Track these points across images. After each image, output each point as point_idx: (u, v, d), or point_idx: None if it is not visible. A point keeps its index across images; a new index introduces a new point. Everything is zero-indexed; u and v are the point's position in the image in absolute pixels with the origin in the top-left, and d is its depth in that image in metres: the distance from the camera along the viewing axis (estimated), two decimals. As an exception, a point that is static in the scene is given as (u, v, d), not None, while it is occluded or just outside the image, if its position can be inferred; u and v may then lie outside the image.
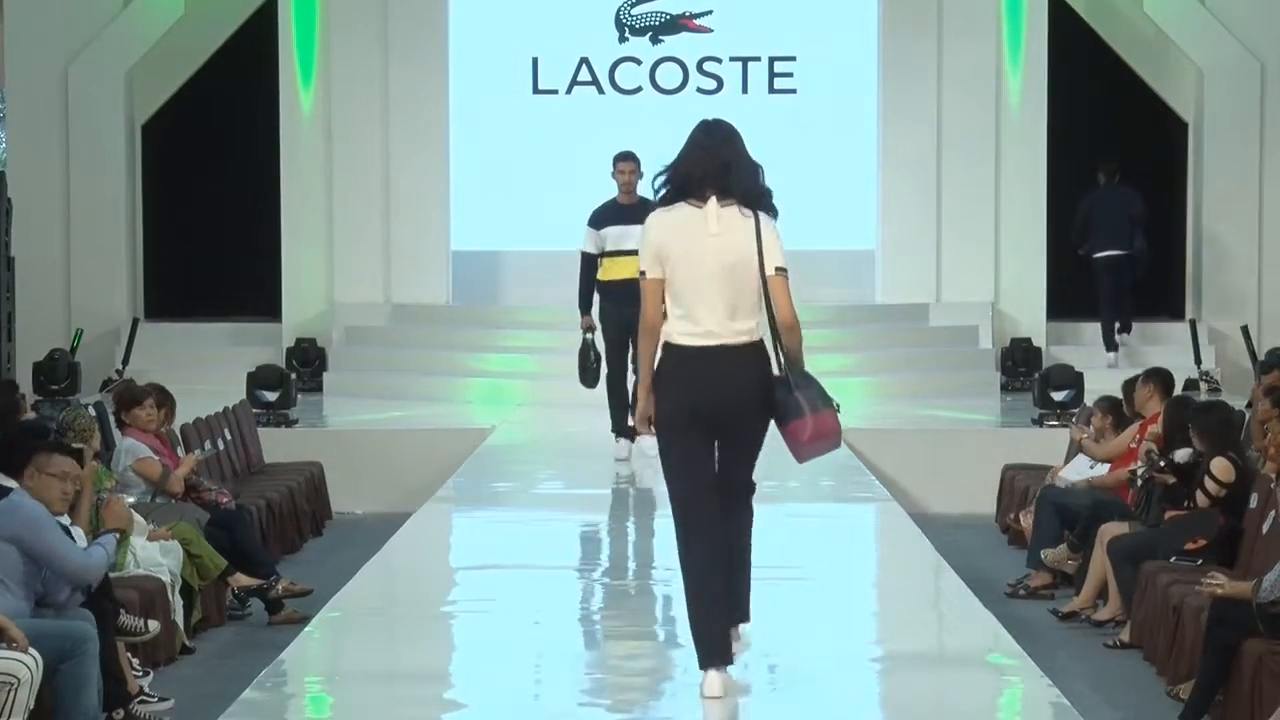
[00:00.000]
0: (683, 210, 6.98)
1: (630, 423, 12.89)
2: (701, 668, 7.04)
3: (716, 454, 7.05)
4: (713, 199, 6.94)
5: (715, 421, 6.97)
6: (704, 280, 6.91)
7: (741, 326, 6.93)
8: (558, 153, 19.50)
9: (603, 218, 13.41)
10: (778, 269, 6.93)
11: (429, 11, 19.74)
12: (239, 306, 20.60)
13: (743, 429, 7.02)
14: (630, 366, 12.86)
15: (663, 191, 7.07)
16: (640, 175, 13.24)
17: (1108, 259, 19.03)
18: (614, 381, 13.55)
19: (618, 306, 13.02)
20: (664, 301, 6.99)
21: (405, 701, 7.49)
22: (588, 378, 13.64)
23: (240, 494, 12.57)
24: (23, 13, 20.03)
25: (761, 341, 7.02)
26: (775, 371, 7.01)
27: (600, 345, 13.52)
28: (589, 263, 13.51)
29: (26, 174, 19.62)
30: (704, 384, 6.91)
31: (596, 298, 13.51)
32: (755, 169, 7.06)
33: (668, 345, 6.98)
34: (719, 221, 6.93)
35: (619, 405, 13.55)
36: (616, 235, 13.21)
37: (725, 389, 6.93)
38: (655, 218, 7.05)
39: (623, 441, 13.67)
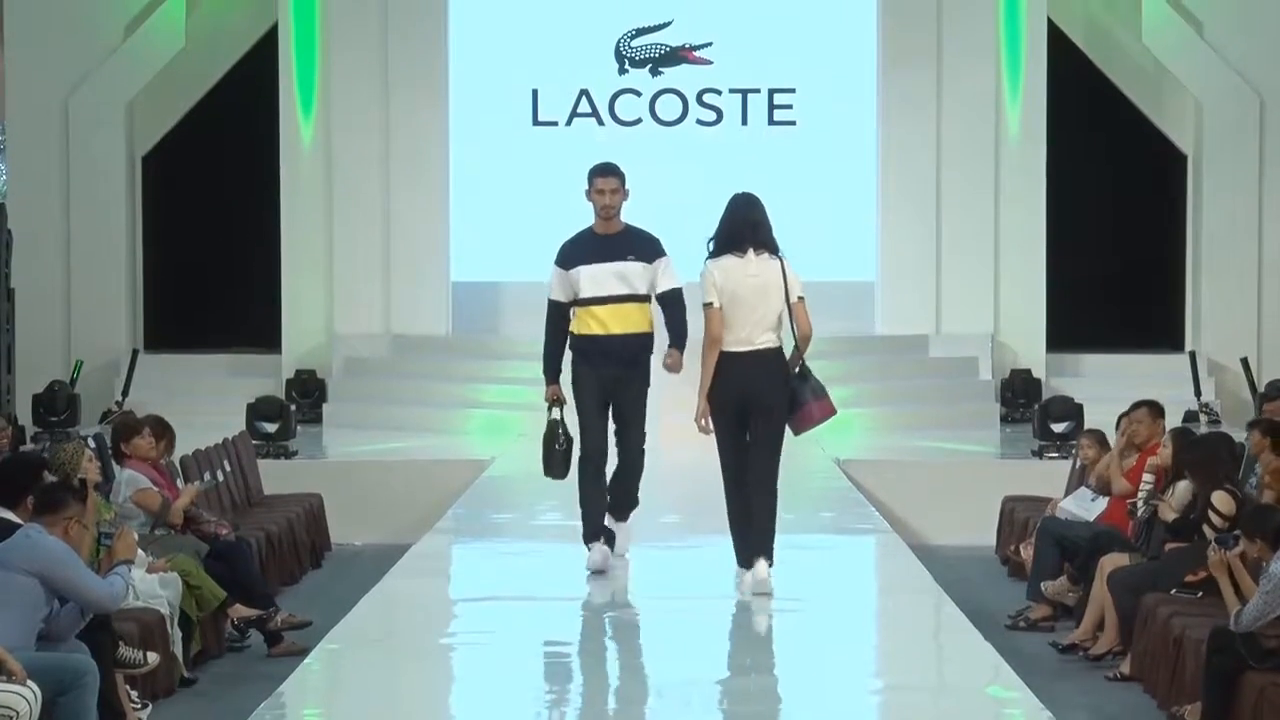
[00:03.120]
0: (729, 259, 9.65)
1: (607, 521, 10.58)
2: (740, 567, 9.79)
3: (750, 430, 9.70)
4: (750, 250, 9.65)
5: (748, 401, 9.63)
6: (744, 306, 9.62)
7: (767, 337, 9.66)
8: (557, 184, 19.38)
9: (574, 255, 10.39)
10: (799, 297, 9.73)
11: (429, 43, 19.79)
12: (239, 338, 20.61)
13: (768, 405, 9.66)
14: (613, 446, 10.54)
15: (713, 248, 9.67)
16: (626, 194, 10.39)
17: None
18: (589, 467, 10.40)
19: (597, 367, 10.34)
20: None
21: (404, 734, 7.47)
22: (555, 465, 10.48)
23: (240, 525, 12.55)
24: (23, 45, 20.09)
25: (780, 349, 9.68)
26: (790, 369, 9.73)
27: (573, 424, 10.47)
28: (557, 314, 10.45)
29: (27, 205, 19.66)
30: (742, 376, 9.60)
31: (568, 358, 10.52)
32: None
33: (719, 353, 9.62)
34: (756, 265, 9.66)
35: (595, 500, 10.46)
36: (593, 277, 10.29)
37: (755, 378, 9.62)
38: (714, 265, 9.62)
39: (597, 548, 10.46)
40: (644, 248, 10.37)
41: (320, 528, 14.75)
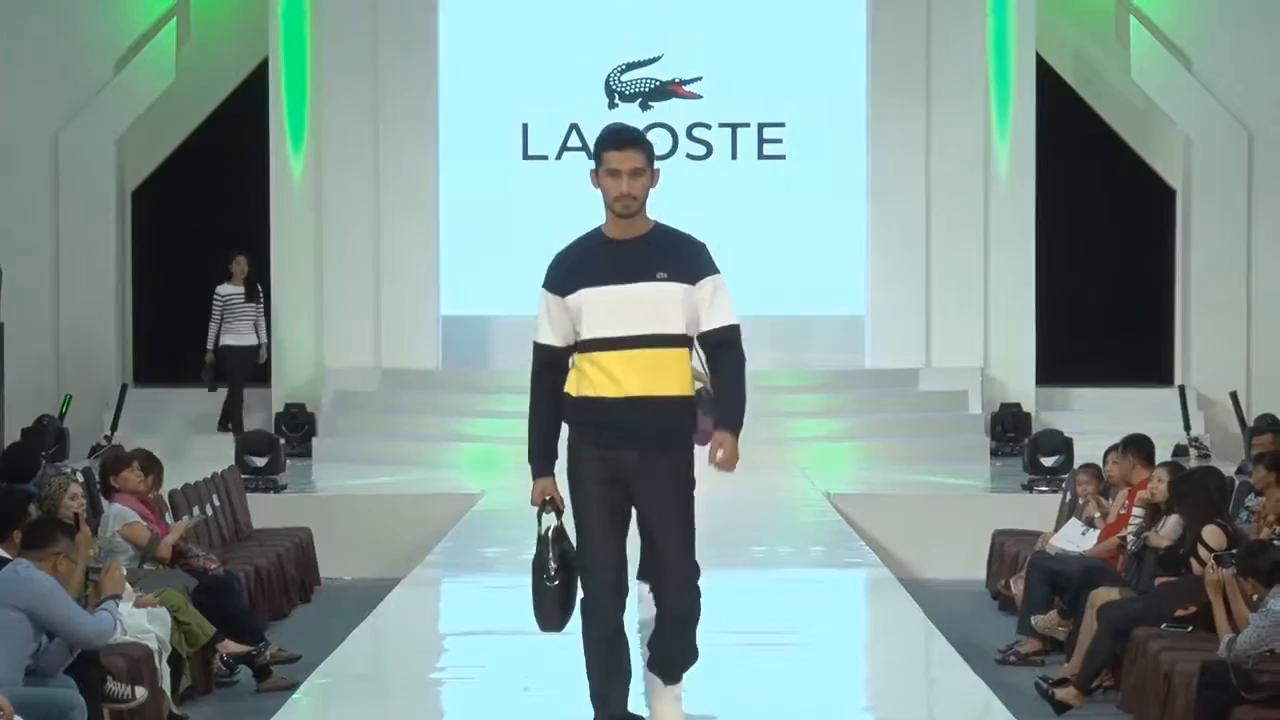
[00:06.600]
0: None
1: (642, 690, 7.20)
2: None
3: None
4: None
5: None
6: None
7: None
8: (547, 218, 19.49)
9: (573, 271, 6.89)
10: None
11: (419, 78, 19.82)
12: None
13: None
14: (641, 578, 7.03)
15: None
16: (655, 179, 7.06)
17: None
18: (596, 618, 6.87)
19: (605, 449, 6.72)
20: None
21: (393, 769, 7.44)
22: (547, 607, 6.90)
23: (228, 560, 12.52)
24: (13, 80, 20.10)
25: None
26: None
27: (570, 535, 6.82)
28: (548, 368, 6.88)
29: (16, 240, 19.66)
30: None
31: (564, 437, 6.86)
32: None
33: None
34: None
35: (608, 668, 6.97)
36: (602, 305, 6.76)
37: None
38: None
39: None
40: (683, 259, 6.85)
41: (309, 562, 14.72)
